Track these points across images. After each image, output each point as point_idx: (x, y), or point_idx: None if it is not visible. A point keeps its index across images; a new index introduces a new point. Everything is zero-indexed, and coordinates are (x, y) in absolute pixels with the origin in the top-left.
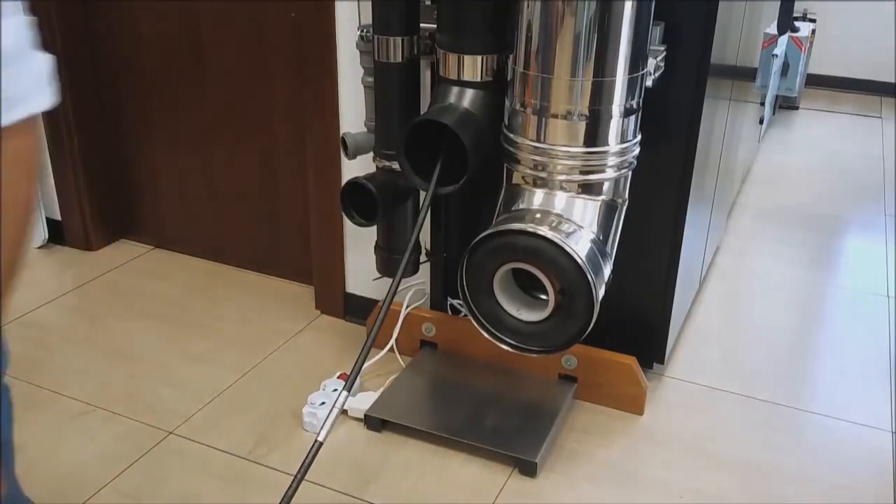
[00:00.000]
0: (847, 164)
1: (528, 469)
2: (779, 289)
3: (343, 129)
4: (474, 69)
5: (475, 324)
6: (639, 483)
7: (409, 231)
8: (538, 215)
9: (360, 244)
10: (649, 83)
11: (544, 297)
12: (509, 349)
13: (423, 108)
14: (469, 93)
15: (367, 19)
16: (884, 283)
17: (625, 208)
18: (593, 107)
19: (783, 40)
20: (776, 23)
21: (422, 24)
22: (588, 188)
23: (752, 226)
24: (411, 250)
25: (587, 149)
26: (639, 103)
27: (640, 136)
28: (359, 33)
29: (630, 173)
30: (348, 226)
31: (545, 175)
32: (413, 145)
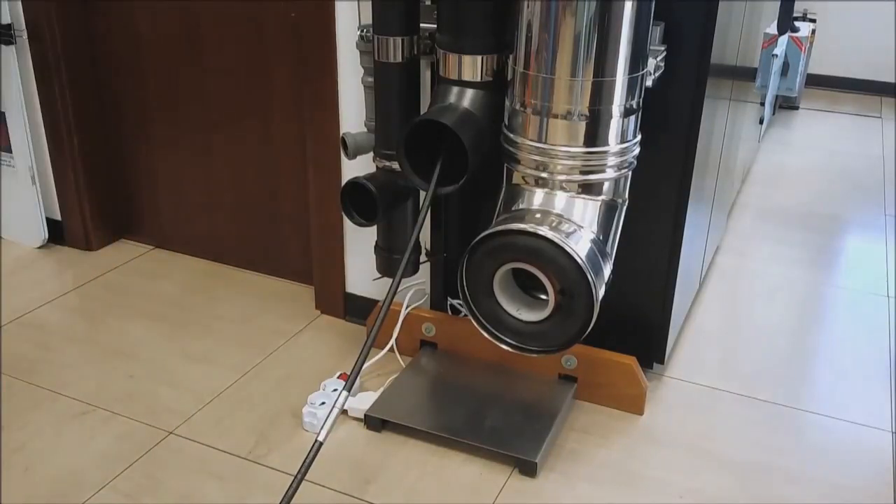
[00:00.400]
0: (847, 164)
1: (528, 469)
2: (779, 289)
3: (343, 129)
4: (474, 69)
5: (475, 324)
6: (639, 483)
7: (409, 231)
8: (538, 215)
9: (360, 244)
10: (649, 83)
11: (544, 297)
12: (509, 349)
13: (423, 108)
14: (469, 93)
15: (367, 19)
16: (884, 283)
17: (625, 208)
18: (593, 107)
19: (783, 40)
20: (776, 23)
21: (422, 24)
22: (588, 188)
23: (752, 226)
24: (411, 250)
25: (587, 149)
26: (639, 103)
27: (640, 136)
28: (359, 33)
29: (630, 173)
30: (348, 226)
31: (545, 175)
32: (413, 145)
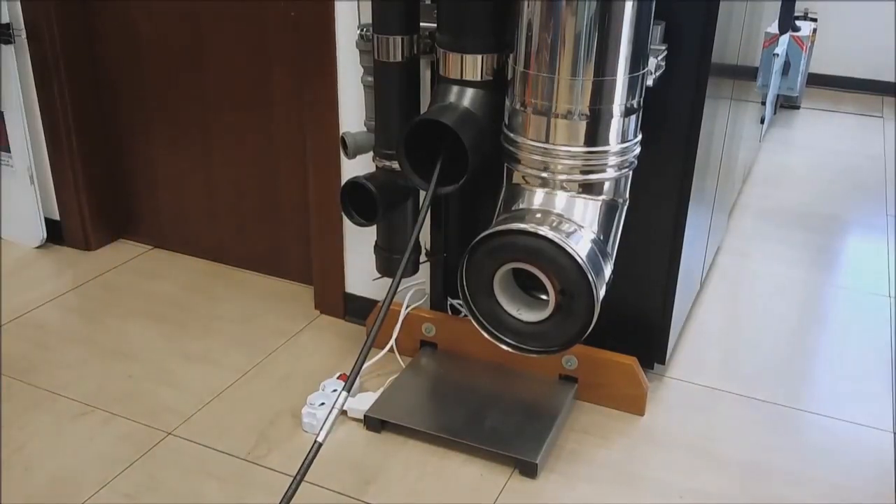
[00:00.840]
0: (848, 164)
1: (528, 470)
2: (780, 289)
3: (343, 129)
4: (474, 68)
5: (475, 324)
6: (639, 483)
7: (409, 231)
8: (538, 215)
9: (360, 244)
10: (650, 83)
11: (544, 297)
12: (509, 349)
13: (423, 108)
14: (469, 92)
15: (367, 19)
16: (884, 283)
17: (625, 208)
18: (594, 106)
19: (784, 39)
20: (777, 22)
21: (422, 24)
22: (589, 188)
23: (753, 226)
24: (411, 250)
25: (588, 148)
26: (639, 103)
27: (640, 136)
28: (359, 33)
29: (631, 173)
30: (348, 226)
31: (546, 175)
32: (413, 145)
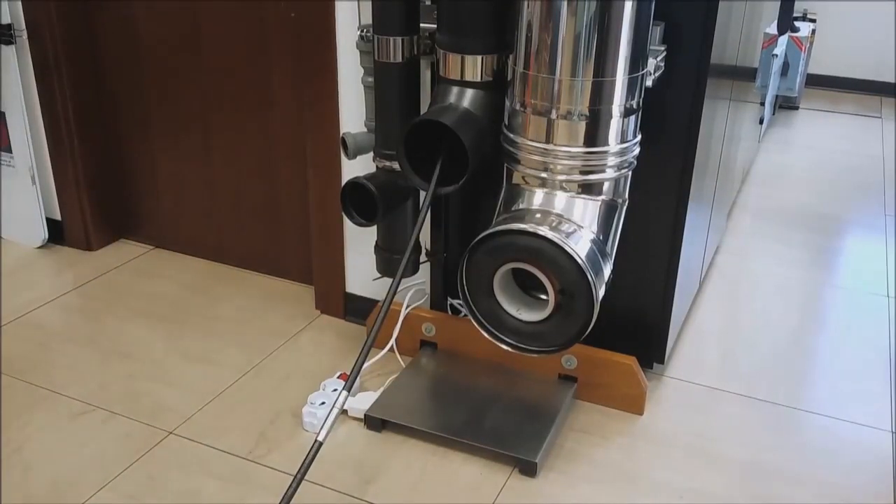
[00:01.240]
0: (847, 164)
1: (528, 469)
2: (779, 289)
3: (343, 129)
4: (474, 69)
5: (475, 324)
6: (639, 483)
7: (409, 231)
8: (538, 215)
9: (360, 244)
10: (649, 83)
11: (544, 297)
12: (509, 349)
13: (423, 108)
14: (469, 93)
15: (367, 19)
16: (884, 283)
17: (625, 208)
18: (593, 107)
19: (783, 40)
20: (776, 23)
21: (422, 24)
22: (588, 188)
23: (752, 226)
24: (411, 250)
25: (587, 149)
26: (639, 103)
27: (640, 136)
28: (359, 33)
29: (630, 173)
30: (348, 226)
31: (545, 175)
32: (413, 145)
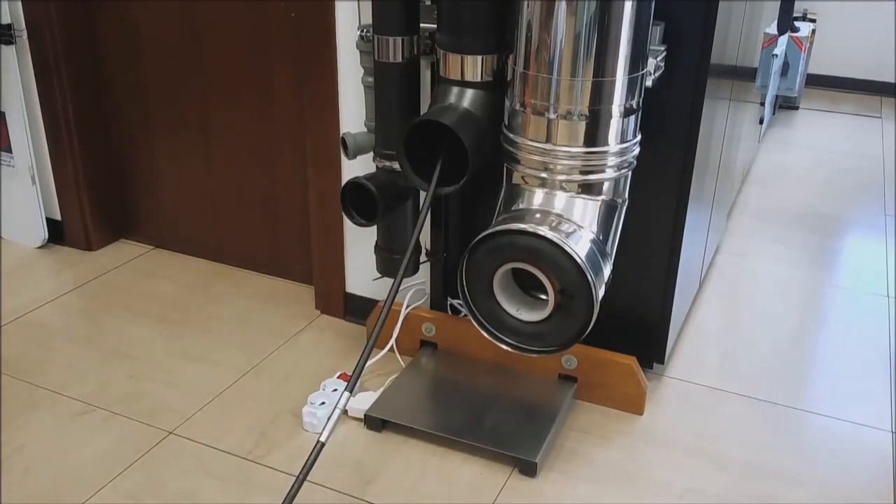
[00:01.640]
0: (847, 164)
1: (527, 469)
2: (779, 289)
3: (343, 129)
4: (474, 69)
5: (475, 324)
6: (639, 483)
7: (409, 231)
8: (538, 215)
9: (360, 244)
10: (649, 83)
11: (544, 297)
12: (509, 349)
13: (423, 108)
14: (469, 93)
15: (367, 19)
16: (884, 283)
17: (625, 208)
18: (593, 107)
19: (783, 40)
20: (776, 23)
21: (422, 24)
22: (588, 188)
23: (751, 226)
24: (411, 250)
25: (587, 149)
26: (639, 103)
27: (640, 136)
28: (359, 33)
29: (630, 173)
30: (348, 226)
31: (545, 175)
32: (413, 145)
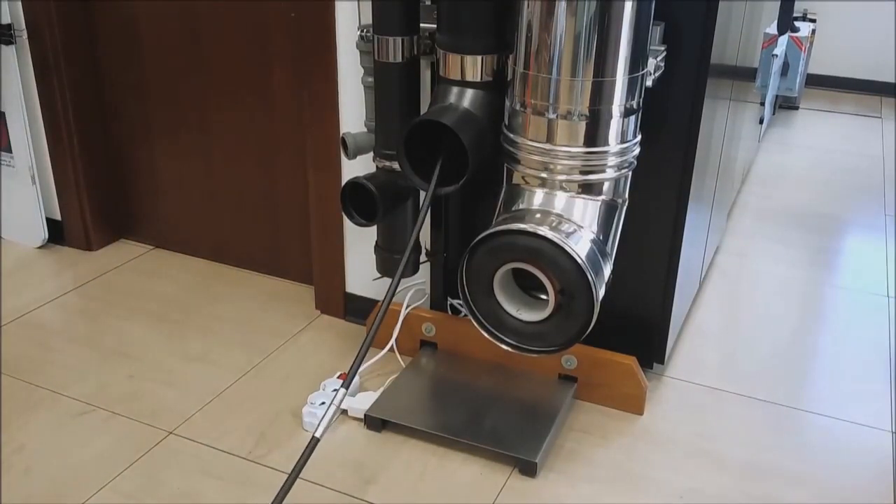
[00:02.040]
0: (847, 164)
1: (527, 469)
2: (779, 289)
3: (343, 129)
4: (474, 69)
5: (475, 324)
6: (639, 483)
7: (409, 231)
8: (538, 215)
9: (360, 244)
10: (649, 83)
11: (544, 297)
12: (509, 349)
13: (423, 108)
14: (469, 93)
15: (367, 19)
16: (884, 283)
17: (625, 208)
18: (593, 107)
19: (783, 40)
20: (776, 23)
21: (422, 24)
22: (588, 188)
23: (752, 226)
24: (411, 250)
25: (587, 149)
26: (639, 103)
27: (640, 136)
28: (359, 33)
29: (630, 173)
30: (348, 226)
31: (545, 175)
32: (413, 145)
